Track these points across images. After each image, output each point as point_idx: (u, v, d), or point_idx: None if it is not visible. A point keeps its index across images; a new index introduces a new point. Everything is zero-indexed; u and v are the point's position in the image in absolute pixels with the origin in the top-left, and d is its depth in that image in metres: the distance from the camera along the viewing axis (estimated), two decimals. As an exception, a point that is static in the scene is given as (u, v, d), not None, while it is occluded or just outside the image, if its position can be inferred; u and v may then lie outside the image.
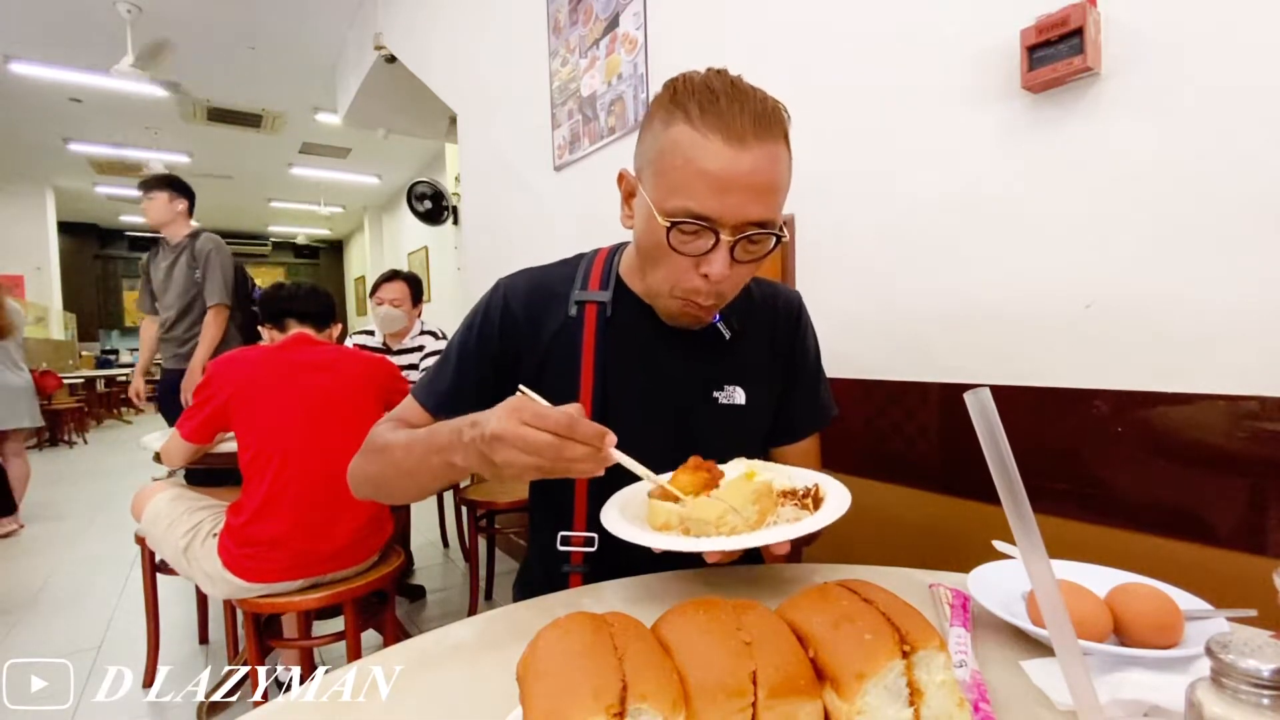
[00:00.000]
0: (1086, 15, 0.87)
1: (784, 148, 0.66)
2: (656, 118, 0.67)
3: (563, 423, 0.54)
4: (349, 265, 12.77)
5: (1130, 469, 0.90)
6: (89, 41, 4.38)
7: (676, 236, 0.65)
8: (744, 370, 0.82)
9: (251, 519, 1.43)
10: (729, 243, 0.64)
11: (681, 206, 0.64)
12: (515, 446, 0.54)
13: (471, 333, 0.80)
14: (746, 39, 1.50)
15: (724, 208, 0.63)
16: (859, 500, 0.62)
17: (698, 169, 0.62)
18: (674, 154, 0.64)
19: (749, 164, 0.62)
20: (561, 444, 0.54)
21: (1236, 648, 0.29)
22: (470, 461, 0.60)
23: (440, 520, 3.21)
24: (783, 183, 0.67)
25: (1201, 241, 0.83)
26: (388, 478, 0.74)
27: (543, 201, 2.44)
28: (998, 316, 1.05)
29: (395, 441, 0.72)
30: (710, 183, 0.62)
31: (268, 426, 1.47)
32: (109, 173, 7.96)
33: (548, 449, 0.54)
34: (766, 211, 0.64)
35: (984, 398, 0.33)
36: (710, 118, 0.62)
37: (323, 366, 1.55)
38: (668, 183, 0.65)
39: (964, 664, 0.48)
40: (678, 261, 0.67)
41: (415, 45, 3.45)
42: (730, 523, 0.58)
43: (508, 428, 0.54)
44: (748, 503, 0.59)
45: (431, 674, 0.52)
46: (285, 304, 1.67)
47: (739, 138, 0.62)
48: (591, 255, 0.85)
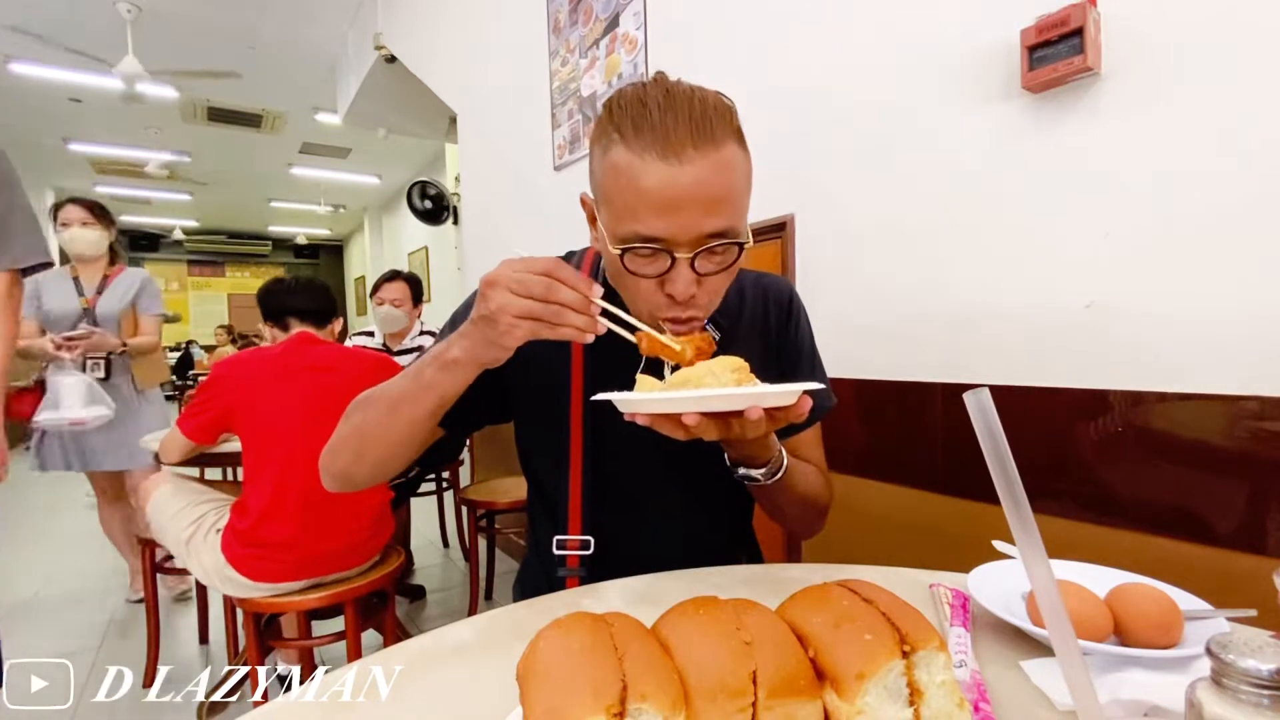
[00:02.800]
0: (1087, 15, 0.87)
1: (732, 148, 0.62)
2: (598, 143, 0.65)
3: (550, 262, 0.57)
4: (349, 265, 12.78)
5: (1130, 469, 0.90)
6: (89, 41, 4.38)
7: (632, 261, 0.62)
8: None
9: (258, 521, 1.43)
10: (686, 259, 0.61)
11: (631, 231, 0.61)
12: (506, 287, 0.56)
13: (457, 325, 0.80)
14: (746, 39, 1.50)
15: (673, 227, 0.60)
16: (859, 500, 0.62)
17: (639, 191, 0.59)
18: (615, 179, 0.61)
19: (690, 177, 0.59)
20: (551, 283, 0.56)
21: (1236, 648, 0.29)
22: (467, 344, 0.61)
23: (440, 520, 3.21)
24: (736, 186, 0.63)
25: (1202, 241, 0.83)
26: (372, 422, 0.71)
27: (543, 201, 2.44)
28: (998, 316, 1.05)
29: (382, 386, 0.72)
30: (653, 204, 0.59)
31: (273, 428, 1.47)
32: (109, 173, 7.97)
33: (537, 284, 0.55)
34: (721, 221, 0.61)
35: (983, 398, 0.33)
36: (644, 135, 0.59)
37: (327, 368, 1.55)
38: (614, 210, 0.62)
39: (964, 664, 0.48)
40: (641, 285, 0.64)
41: (415, 45, 3.45)
42: (709, 384, 0.57)
43: (499, 271, 0.57)
44: (727, 371, 0.58)
45: (431, 674, 0.52)
46: (285, 301, 1.66)
47: (675, 152, 0.58)
48: (580, 254, 0.84)
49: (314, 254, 13.22)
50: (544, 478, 0.82)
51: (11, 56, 4.70)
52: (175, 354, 7.79)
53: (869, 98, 1.24)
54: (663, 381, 0.60)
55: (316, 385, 1.51)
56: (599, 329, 0.58)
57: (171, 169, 7.66)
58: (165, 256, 12.07)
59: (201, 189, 8.91)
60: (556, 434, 0.77)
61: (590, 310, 0.57)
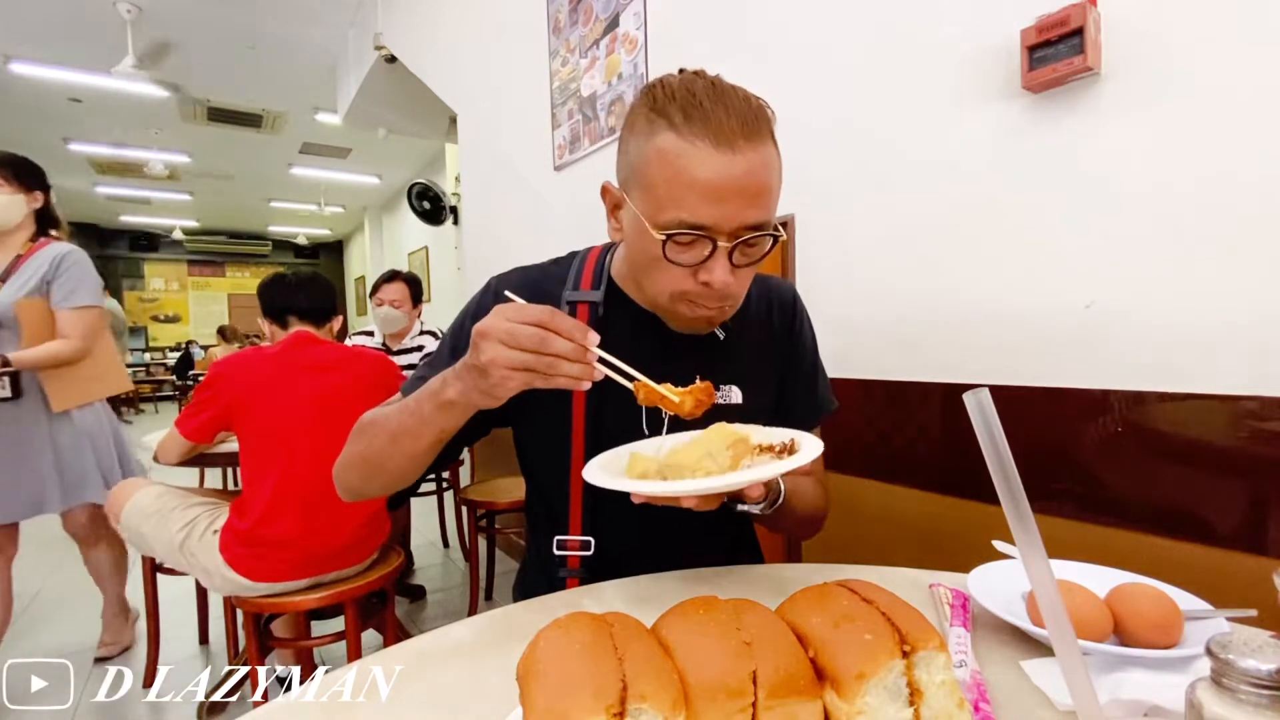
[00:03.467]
0: (1087, 15, 0.87)
1: (773, 147, 0.65)
2: (638, 127, 0.65)
3: (544, 313, 0.55)
4: (349, 265, 12.78)
5: (1130, 469, 0.90)
6: (89, 41, 4.38)
7: (673, 249, 0.63)
8: (740, 371, 0.81)
9: (259, 521, 1.43)
10: (726, 249, 0.63)
11: (675, 218, 0.62)
12: (499, 340, 0.54)
13: (464, 329, 0.80)
14: (747, 38, 1.50)
15: (720, 215, 0.61)
16: (859, 500, 0.62)
17: (689, 179, 0.60)
18: (661, 165, 0.62)
19: (742, 168, 0.60)
20: (544, 335, 0.54)
21: (1236, 648, 0.30)
22: (462, 387, 0.60)
23: (440, 520, 3.21)
24: (775, 183, 0.65)
25: (1202, 241, 0.83)
26: (374, 449, 0.71)
27: (543, 201, 2.44)
28: (998, 316, 1.05)
29: (384, 411, 0.71)
30: (703, 192, 0.60)
31: (273, 428, 1.47)
32: (109, 173, 7.97)
33: (530, 338, 0.54)
34: (762, 214, 0.63)
35: (983, 398, 0.33)
36: (696, 124, 0.60)
37: (327, 368, 1.55)
38: (658, 195, 0.63)
39: (964, 664, 0.48)
40: (675, 271, 0.66)
41: (415, 45, 3.45)
42: (706, 468, 0.58)
43: (491, 322, 0.55)
44: (723, 449, 0.59)
45: (431, 674, 0.52)
46: (286, 299, 1.65)
47: (728, 142, 0.60)
48: (584, 254, 0.84)
49: (314, 254, 13.23)
50: (544, 478, 0.82)
51: (11, 56, 4.70)
52: (175, 354, 7.79)
53: (869, 98, 1.24)
54: (655, 455, 0.61)
55: (316, 385, 1.51)
56: (596, 376, 0.57)
57: (171, 169, 7.66)
58: (165, 256, 12.07)
59: (201, 189, 8.91)
60: (557, 435, 0.77)
61: (586, 358, 0.56)
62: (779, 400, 0.86)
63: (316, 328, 1.67)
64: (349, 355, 1.63)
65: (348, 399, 1.54)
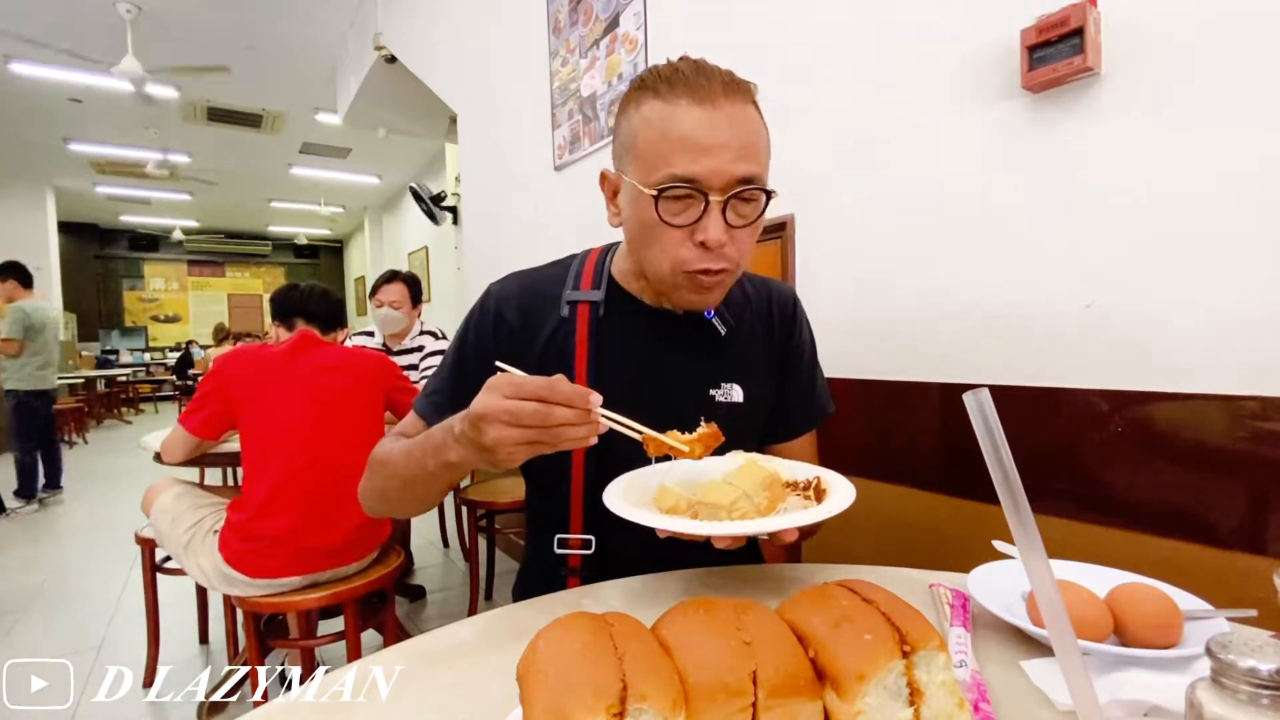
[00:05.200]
0: (1087, 15, 0.87)
1: (756, 112, 0.67)
2: (627, 109, 0.69)
3: (542, 387, 0.53)
4: (349, 265, 12.77)
5: (1130, 469, 0.90)
6: (89, 41, 4.38)
7: (665, 207, 0.65)
8: (741, 368, 0.81)
9: (255, 515, 1.44)
10: (719, 203, 0.64)
11: (665, 174, 0.63)
12: (501, 421, 0.53)
13: (466, 341, 0.80)
14: (747, 38, 1.50)
15: (708, 169, 0.63)
16: (859, 500, 0.62)
17: (675, 136, 0.63)
18: (649, 130, 0.65)
19: (724, 120, 0.63)
20: (546, 409, 0.52)
21: (1237, 648, 0.29)
22: (465, 454, 0.59)
23: (440, 520, 3.21)
24: (763, 140, 0.67)
25: (1202, 241, 0.83)
26: (391, 489, 0.73)
27: (543, 201, 2.44)
28: (998, 316, 1.05)
29: (394, 451, 0.71)
30: (689, 145, 0.63)
31: (273, 423, 1.48)
32: (109, 173, 7.96)
33: (533, 416, 0.52)
34: (751, 167, 0.64)
35: (983, 398, 0.33)
36: (679, 88, 0.64)
37: (328, 367, 1.56)
38: (648, 159, 0.65)
39: (964, 664, 0.48)
40: (672, 235, 0.66)
41: (415, 45, 3.45)
42: (742, 508, 0.57)
43: (489, 403, 0.53)
44: (759, 489, 0.58)
45: (431, 674, 0.52)
46: (298, 305, 1.71)
47: (709, 99, 0.63)
48: (583, 256, 0.84)
49: (314, 254, 13.21)
50: (545, 479, 0.82)
51: (11, 56, 4.70)
52: (175, 354, 7.78)
53: (869, 97, 1.24)
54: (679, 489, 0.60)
55: (319, 384, 1.52)
56: (601, 429, 0.56)
57: (171, 169, 7.66)
58: (165, 256, 12.06)
59: (201, 189, 8.91)
60: None
61: (591, 418, 0.55)
62: (778, 401, 0.86)
63: (322, 333, 1.70)
64: (351, 356, 1.64)
65: (348, 398, 1.55)
